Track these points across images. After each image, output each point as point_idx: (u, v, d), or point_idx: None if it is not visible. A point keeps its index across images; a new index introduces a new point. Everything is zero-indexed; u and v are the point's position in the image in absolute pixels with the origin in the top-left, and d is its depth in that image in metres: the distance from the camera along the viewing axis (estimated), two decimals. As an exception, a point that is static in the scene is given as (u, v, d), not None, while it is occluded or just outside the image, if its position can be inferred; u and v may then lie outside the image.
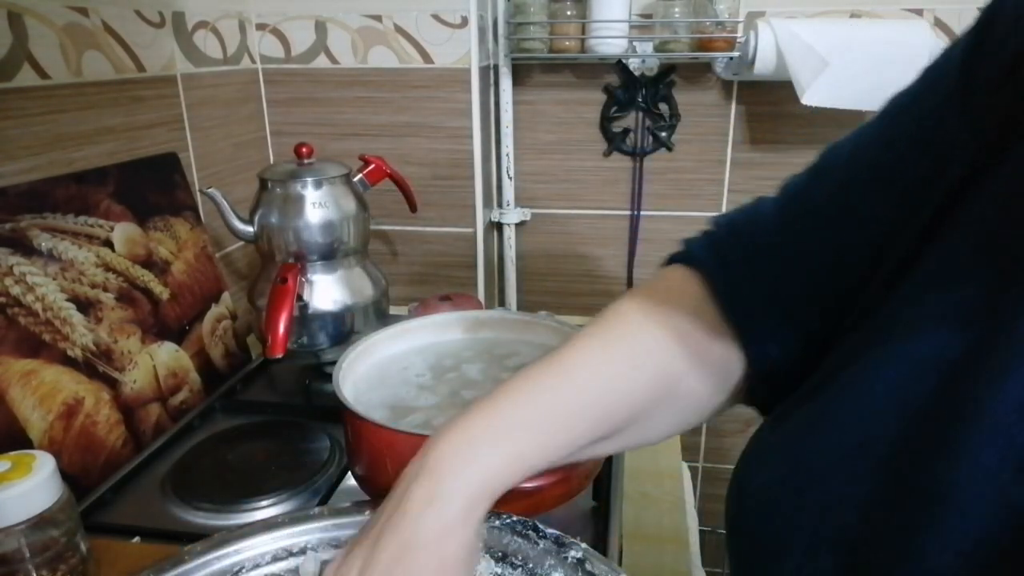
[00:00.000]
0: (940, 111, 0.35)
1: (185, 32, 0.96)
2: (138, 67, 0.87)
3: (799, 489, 0.34)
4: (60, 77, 0.75)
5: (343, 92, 1.14)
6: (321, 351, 0.89)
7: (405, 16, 1.09)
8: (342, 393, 0.57)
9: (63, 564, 0.51)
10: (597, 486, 0.66)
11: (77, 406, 0.69)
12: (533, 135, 1.28)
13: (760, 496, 0.37)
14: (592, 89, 1.24)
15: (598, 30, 1.11)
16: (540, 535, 0.46)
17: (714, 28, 1.09)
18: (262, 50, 1.14)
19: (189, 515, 0.66)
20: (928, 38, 1.03)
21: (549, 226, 1.33)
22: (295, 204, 0.85)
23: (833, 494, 0.32)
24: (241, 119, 1.11)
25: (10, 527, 0.47)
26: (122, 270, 0.79)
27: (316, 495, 0.68)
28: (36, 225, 0.70)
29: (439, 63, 1.10)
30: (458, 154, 1.15)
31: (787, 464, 0.36)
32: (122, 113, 0.84)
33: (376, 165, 0.94)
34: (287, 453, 0.75)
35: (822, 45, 1.03)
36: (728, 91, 1.21)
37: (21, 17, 0.71)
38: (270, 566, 0.47)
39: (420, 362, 0.69)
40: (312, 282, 0.86)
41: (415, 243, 1.23)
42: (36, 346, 0.67)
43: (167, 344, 0.83)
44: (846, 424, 0.33)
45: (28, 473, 0.48)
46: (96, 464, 0.70)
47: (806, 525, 0.33)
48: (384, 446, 0.54)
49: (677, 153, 1.25)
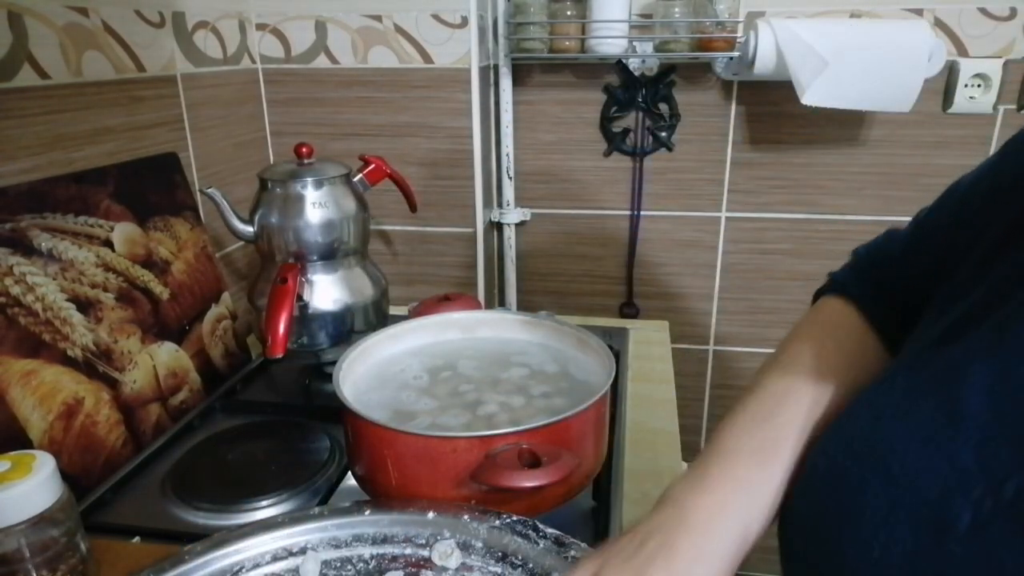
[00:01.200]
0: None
1: (185, 32, 0.96)
2: (138, 67, 0.87)
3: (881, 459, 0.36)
4: (60, 77, 0.75)
5: (343, 92, 1.14)
6: (321, 351, 0.88)
7: (405, 16, 1.09)
8: (342, 393, 0.57)
9: (63, 564, 0.50)
10: (597, 486, 0.66)
11: (77, 406, 0.69)
12: (533, 135, 1.28)
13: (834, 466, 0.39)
14: (592, 89, 1.24)
15: (598, 30, 1.11)
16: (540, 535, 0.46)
17: (714, 28, 1.09)
18: (262, 50, 1.14)
19: (189, 515, 0.66)
20: (928, 38, 1.04)
21: (549, 226, 1.33)
22: (295, 204, 0.85)
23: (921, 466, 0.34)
24: (241, 119, 1.11)
25: (10, 527, 0.47)
26: (122, 270, 0.79)
27: (316, 495, 0.68)
28: (36, 225, 0.70)
29: (439, 63, 1.10)
30: (458, 154, 1.15)
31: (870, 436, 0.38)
32: (122, 113, 0.84)
33: (376, 165, 0.94)
34: (287, 453, 0.75)
35: (822, 45, 1.03)
36: (728, 91, 1.21)
37: (21, 17, 0.71)
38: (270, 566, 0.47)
39: (419, 362, 0.69)
40: (312, 282, 0.86)
41: (415, 243, 1.23)
42: (36, 346, 0.67)
43: (167, 344, 0.83)
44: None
45: (28, 473, 0.48)
46: (96, 464, 0.70)
47: (883, 494, 0.35)
48: (384, 446, 0.54)
49: (677, 153, 1.25)
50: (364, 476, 0.58)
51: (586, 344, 0.67)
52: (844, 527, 0.36)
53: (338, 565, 0.48)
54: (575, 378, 0.65)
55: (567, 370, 0.66)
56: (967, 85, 1.14)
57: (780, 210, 1.27)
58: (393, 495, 0.54)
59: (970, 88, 1.14)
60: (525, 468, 0.49)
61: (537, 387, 0.64)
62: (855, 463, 0.37)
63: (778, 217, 1.27)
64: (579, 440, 0.55)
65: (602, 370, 0.62)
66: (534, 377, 0.65)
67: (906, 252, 0.50)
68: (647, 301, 1.36)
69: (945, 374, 0.36)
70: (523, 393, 0.63)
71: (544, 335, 0.72)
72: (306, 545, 0.48)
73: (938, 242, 0.47)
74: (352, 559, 0.48)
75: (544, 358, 0.69)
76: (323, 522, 0.49)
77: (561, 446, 0.52)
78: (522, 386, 0.64)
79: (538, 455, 0.51)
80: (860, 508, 0.35)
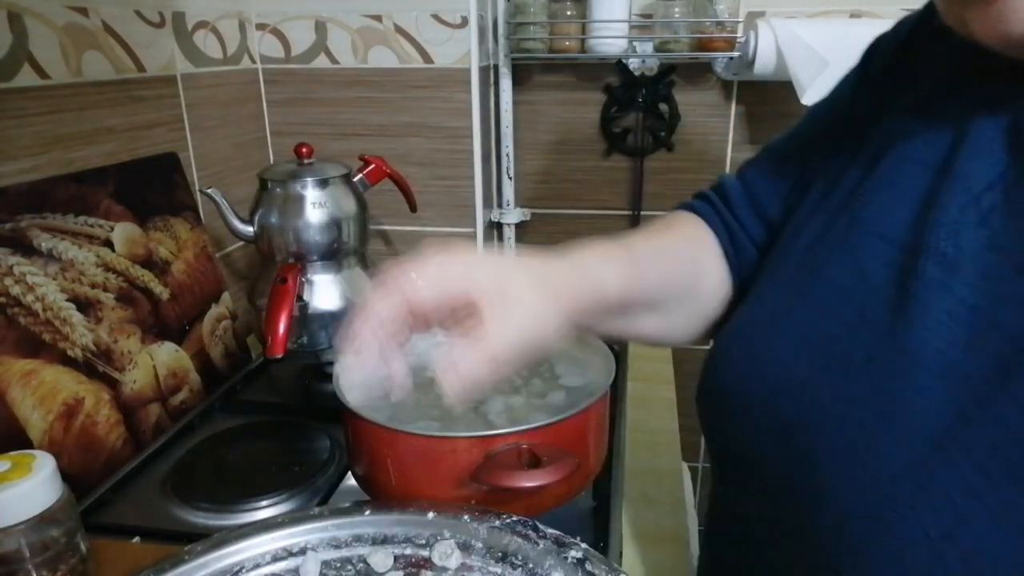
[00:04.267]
0: (845, 105, 0.54)
1: (185, 32, 0.96)
2: (138, 67, 0.87)
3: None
4: (60, 77, 0.75)
5: (343, 92, 1.14)
6: (321, 351, 0.88)
7: (405, 16, 1.09)
8: (342, 393, 0.57)
9: (63, 564, 0.50)
10: (597, 486, 0.66)
11: (77, 406, 0.69)
12: (533, 135, 1.28)
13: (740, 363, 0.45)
14: (592, 89, 1.24)
15: (598, 30, 1.11)
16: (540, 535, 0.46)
17: (714, 28, 1.09)
18: (262, 50, 1.14)
19: (189, 515, 0.66)
20: (928, 38, 1.03)
21: (549, 226, 1.33)
22: (295, 204, 0.85)
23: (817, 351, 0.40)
24: (241, 119, 1.11)
25: (10, 527, 0.47)
26: (122, 270, 0.79)
27: (316, 495, 0.68)
28: (36, 225, 0.70)
29: (439, 63, 1.10)
30: (458, 154, 1.15)
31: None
32: (122, 113, 0.84)
33: (376, 165, 0.94)
34: (287, 453, 0.75)
35: (822, 45, 1.03)
36: (728, 91, 1.21)
37: (21, 17, 0.71)
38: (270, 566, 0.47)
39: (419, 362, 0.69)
40: (312, 282, 0.86)
41: (415, 243, 1.22)
42: (36, 346, 0.67)
43: (167, 344, 0.83)
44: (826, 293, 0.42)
45: (28, 473, 0.48)
46: (96, 464, 0.70)
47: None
48: (384, 446, 0.54)
49: (677, 153, 1.25)
50: (364, 476, 0.58)
51: (586, 344, 0.67)
52: (757, 376, 0.43)
53: (338, 565, 0.48)
54: (575, 378, 0.65)
55: (567, 370, 0.66)
56: (967, 85, 1.13)
57: (780, 210, 1.27)
58: (393, 495, 0.54)
59: (970, 88, 1.14)
60: (525, 468, 0.49)
61: (537, 387, 0.64)
62: (761, 335, 0.44)
63: (778, 217, 1.27)
64: (579, 440, 0.55)
65: (602, 370, 0.62)
66: (534, 377, 0.65)
67: (756, 177, 0.58)
68: (647, 301, 1.36)
69: (819, 262, 0.43)
70: (523, 393, 0.63)
71: (544, 335, 0.71)
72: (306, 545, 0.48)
73: (790, 166, 0.56)
74: (352, 559, 0.48)
75: (544, 358, 0.69)
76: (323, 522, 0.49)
77: (561, 446, 0.52)
78: (522, 386, 0.64)
79: (538, 455, 0.51)
80: (769, 361, 0.42)
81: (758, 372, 0.43)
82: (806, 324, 0.41)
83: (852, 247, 0.41)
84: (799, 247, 0.46)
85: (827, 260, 0.43)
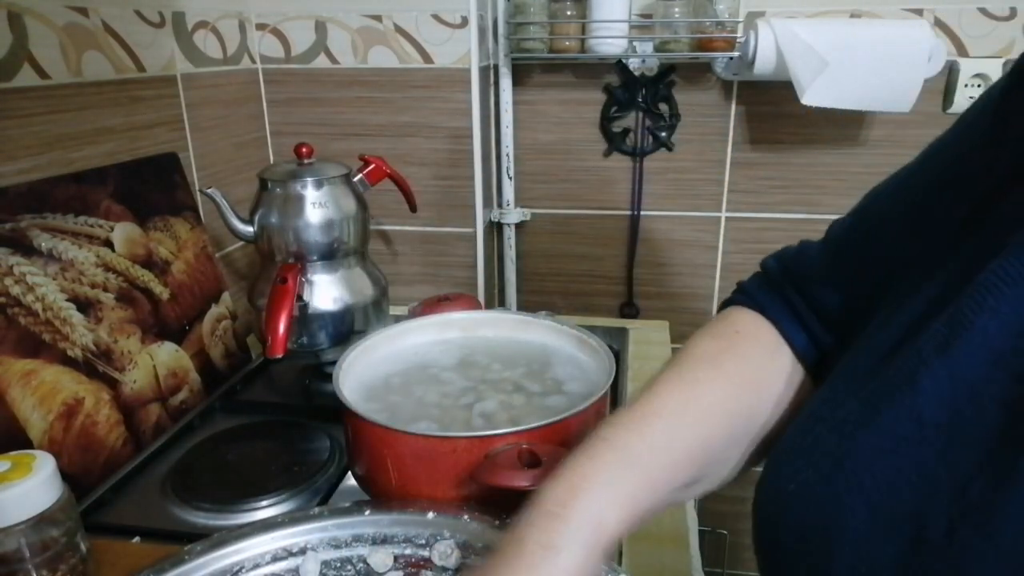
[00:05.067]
0: (970, 154, 0.41)
1: (185, 32, 0.96)
2: (138, 67, 0.87)
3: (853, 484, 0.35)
4: (60, 77, 0.75)
5: (343, 92, 1.14)
6: (321, 351, 0.89)
7: (405, 16, 1.09)
8: (342, 393, 0.57)
9: (63, 564, 0.51)
10: (597, 486, 0.66)
11: (77, 406, 0.69)
12: (533, 135, 1.28)
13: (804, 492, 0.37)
14: (592, 89, 1.24)
15: (598, 30, 1.11)
16: (540, 535, 0.45)
17: (714, 28, 1.09)
18: (262, 50, 1.14)
19: (189, 515, 0.66)
20: (928, 38, 1.03)
21: (549, 226, 1.33)
22: (295, 204, 0.85)
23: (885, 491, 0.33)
24: (241, 119, 1.11)
25: (10, 527, 0.47)
26: (122, 270, 0.79)
27: (316, 495, 0.68)
28: (36, 225, 0.70)
29: (439, 63, 1.10)
30: (458, 154, 1.15)
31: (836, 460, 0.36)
32: (122, 113, 0.84)
33: (376, 165, 0.94)
34: (287, 453, 0.75)
35: (822, 45, 1.03)
36: (728, 91, 1.21)
37: (21, 17, 0.71)
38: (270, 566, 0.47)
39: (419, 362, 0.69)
40: (312, 282, 0.86)
41: (415, 243, 1.23)
42: (36, 346, 0.67)
43: (167, 344, 0.83)
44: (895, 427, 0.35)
45: (28, 473, 0.48)
46: (96, 464, 0.70)
47: (861, 511, 0.34)
48: (384, 446, 0.54)
49: (677, 153, 1.25)
50: (364, 476, 0.58)
51: (586, 344, 0.67)
52: (828, 549, 0.35)
53: (338, 565, 0.48)
54: (575, 378, 0.65)
55: (567, 370, 0.66)
56: (967, 85, 1.13)
57: (780, 210, 1.27)
58: (393, 495, 0.54)
59: (970, 88, 1.14)
60: (525, 468, 0.49)
61: (537, 387, 0.64)
62: (825, 482, 0.36)
63: (778, 217, 1.27)
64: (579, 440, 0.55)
65: (602, 370, 0.62)
66: (534, 377, 0.65)
67: (827, 265, 0.48)
68: (647, 301, 1.36)
69: (901, 378, 0.34)
70: (523, 393, 0.63)
71: (544, 335, 0.71)
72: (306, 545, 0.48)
73: (869, 252, 0.46)
74: (352, 559, 0.48)
75: (544, 358, 0.69)
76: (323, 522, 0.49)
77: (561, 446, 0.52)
78: (522, 386, 0.64)
79: (538, 455, 0.51)
80: (841, 528, 0.34)
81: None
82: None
83: (951, 361, 0.33)
84: (882, 344, 0.38)
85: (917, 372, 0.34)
